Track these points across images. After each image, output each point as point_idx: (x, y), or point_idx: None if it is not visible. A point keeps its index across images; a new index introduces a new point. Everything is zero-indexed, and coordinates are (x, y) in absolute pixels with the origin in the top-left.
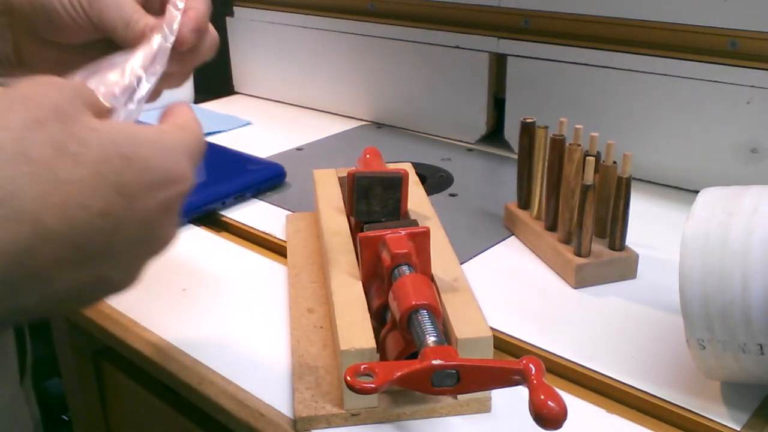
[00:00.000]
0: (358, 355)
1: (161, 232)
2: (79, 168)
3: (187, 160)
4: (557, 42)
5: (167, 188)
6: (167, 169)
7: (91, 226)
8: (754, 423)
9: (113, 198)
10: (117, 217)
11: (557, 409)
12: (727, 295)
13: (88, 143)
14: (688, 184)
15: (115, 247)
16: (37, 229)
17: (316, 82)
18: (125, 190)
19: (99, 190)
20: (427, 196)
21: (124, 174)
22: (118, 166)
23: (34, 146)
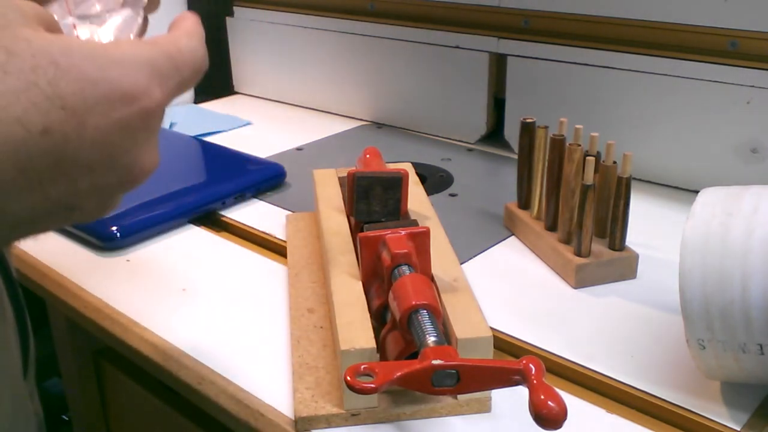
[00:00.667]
0: (358, 355)
1: (127, 158)
2: (7, 78)
3: (144, 73)
4: (557, 42)
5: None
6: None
7: (30, 144)
8: (754, 423)
9: (54, 113)
10: (63, 135)
11: (557, 409)
12: (727, 295)
13: (17, 52)
14: (688, 184)
15: (68, 171)
16: None
17: (317, 82)
18: (68, 103)
19: (34, 102)
20: (427, 196)
21: (59, 84)
22: (51, 74)
23: None
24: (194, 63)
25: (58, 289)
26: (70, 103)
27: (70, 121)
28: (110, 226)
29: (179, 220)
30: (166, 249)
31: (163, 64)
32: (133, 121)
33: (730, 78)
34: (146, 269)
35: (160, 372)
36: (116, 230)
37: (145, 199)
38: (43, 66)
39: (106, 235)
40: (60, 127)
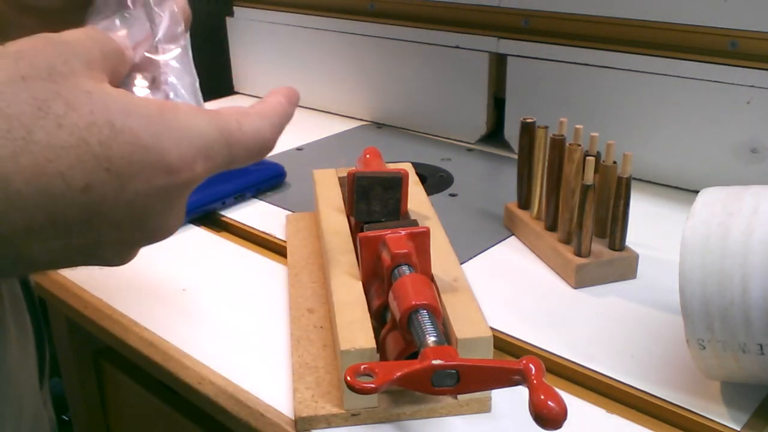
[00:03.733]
0: (358, 355)
1: (157, 220)
2: (60, 132)
3: (195, 148)
4: (557, 42)
5: (165, 175)
6: (167, 152)
7: (68, 198)
8: (754, 423)
9: (98, 173)
10: (101, 196)
11: (557, 409)
12: (727, 295)
13: (76, 106)
14: (688, 184)
15: (98, 226)
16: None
17: (316, 82)
18: (114, 166)
19: (82, 160)
20: (427, 196)
21: (111, 146)
22: (105, 135)
23: (14, 102)
24: (252, 145)
25: (58, 289)
26: (116, 166)
27: (112, 183)
28: None
29: None
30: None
31: (215, 141)
32: (172, 191)
33: (730, 78)
34: (146, 269)
35: (160, 372)
36: None
37: None
38: (98, 125)
39: None
40: (100, 187)
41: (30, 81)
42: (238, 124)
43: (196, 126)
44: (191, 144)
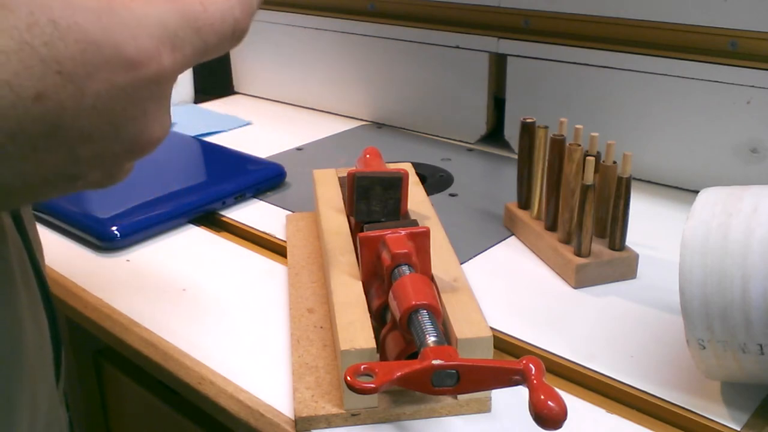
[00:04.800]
0: (358, 355)
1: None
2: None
3: (156, 37)
4: (557, 42)
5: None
6: (119, 45)
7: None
8: (754, 423)
9: (49, 78)
10: (58, 103)
11: (557, 409)
12: (727, 295)
13: (12, 7)
14: (688, 184)
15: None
16: None
17: (317, 82)
18: (65, 68)
19: (28, 65)
20: (427, 196)
21: (58, 46)
22: (49, 35)
23: None
24: (223, 27)
25: (58, 289)
26: (68, 68)
27: (67, 88)
28: (110, 226)
29: (179, 220)
30: (166, 249)
31: (178, 26)
32: (139, 89)
33: (730, 78)
34: (146, 269)
35: (160, 372)
36: (116, 230)
37: (145, 199)
38: (40, 24)
39: (106, 235)
40: (55, 94)
41: None
42: (202, 6)
43: (152, 13)
44: (150, 34)
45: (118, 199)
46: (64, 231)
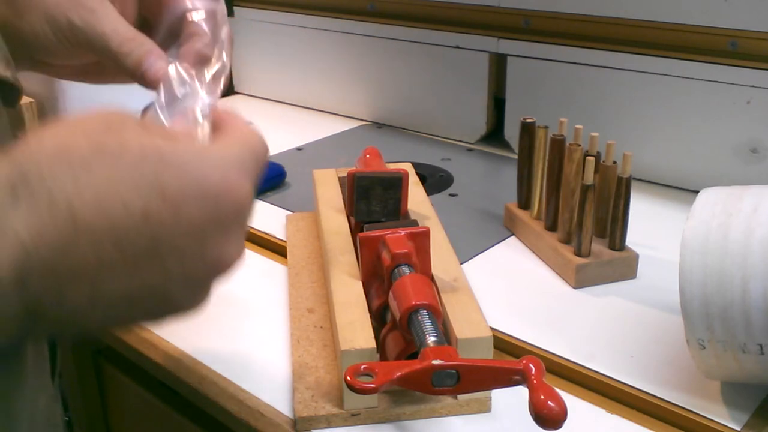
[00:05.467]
0: (358, 355)
1: (216, 248)
2: (117, 163)
3: (236, 171)
4: (557, 42)
5: (217, 203)
6: (212, 179)
7: (130, 225)
8: (754, 423)
9: (155, 200)
10: (160, 222)
11: (557, 409)
12: (727, 296)
13: (129, 146)
14: (688, 184)
15: (163, 255)
16: (75, 221)
17: (317, 82)
18: (168, 193)
19: (138, 187)
20: (427, 196)
21: (164, 175)
22: (156, 166)
23: (75, 146)
24: (263, 147)
25: None
26: (170, 194)
27: (168, 210)
28: None
29: None
30: None
31: (248, 159)
32: (224, 215)
33: (730, 78)
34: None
35: (160, 372)
36: None
37: None
38: (150, 159)
39: None
40: (158, 214)
41: (90, 133)
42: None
43: (233, 153)
44: (233, 168)
45: None
46: None
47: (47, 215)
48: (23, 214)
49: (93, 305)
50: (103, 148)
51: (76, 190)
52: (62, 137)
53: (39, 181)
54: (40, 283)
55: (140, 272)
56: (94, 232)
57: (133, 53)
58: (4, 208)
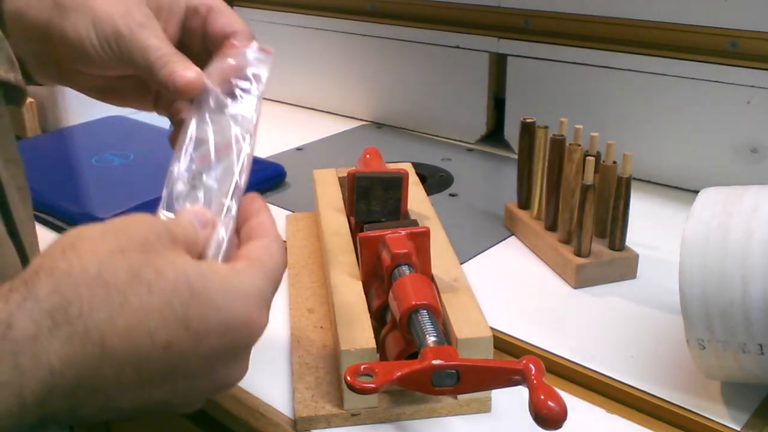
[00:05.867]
0: (358, 355)
1: (225, 370)
2: (150, 296)
3: (257, 304)
4: (557, 42)
5: (236, 335)
6: (235, 312)
7: (153, 354)
8: (754, 423)
9: (179, 332)
10: (180, 351)
11: (557, 409)
12: (727, 296)
13: (163, 273)
14: (688, 184)
15: (176, 377)
16: (104, 348)
17: (316, 82)
18: (192, 325)
19: (166, 320)
20: (427, 196)
21: (191, 308)
22: (185, 298)
23: (113, 271)
24: (282, 268)
25: None
26: (194, 325)
27: (189, 341)
28: None
29: None
30: None
31: (269, 290)
32: (241, 345)
33: (730, 78)
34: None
35: None
36: None
37: (145, 199)
38: (180, 290)
39: None
40: (179, 344)
41: (127, 253)
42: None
43: (255, 283)
44: (255, 300)
45: (118, 199)
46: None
47: (79, 345)
48: (59, 342)
49: (102, 413)
50: (140, 274)
51: (109, 323)
52: (102, 257)
53: (78, 316)
54: (60, 401)
55: (152, 390)
56: (118, 359)
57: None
58: (43, 336)
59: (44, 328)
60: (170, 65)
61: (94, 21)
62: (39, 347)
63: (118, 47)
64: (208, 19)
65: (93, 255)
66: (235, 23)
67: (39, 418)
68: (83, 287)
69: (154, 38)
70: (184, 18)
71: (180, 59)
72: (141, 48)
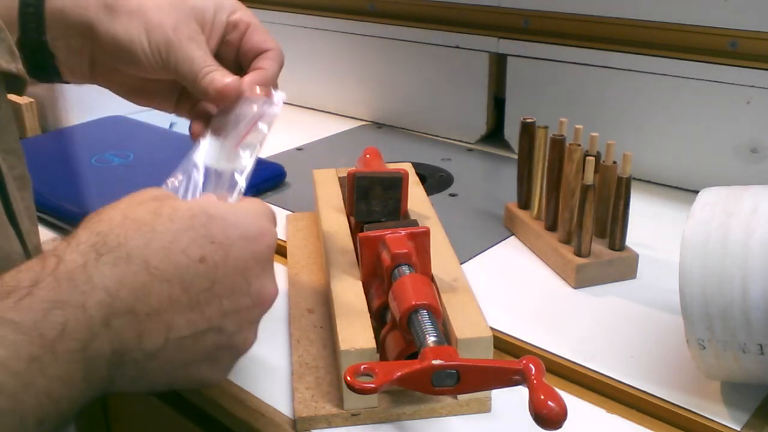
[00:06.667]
0: (358, 355)
1: (257, 283)
2: (173, 223)
3: (264, 220)
4: (557, 42)
5: (256, 243)
6: (248, 226)
7: (193, 269)
8: (754, 423)
9: (208, 246)
10: (215, 263)
11: (557, 409)
12: (727, 296)
13: (179, 208)
14: (688, 184)
15: (219, 292)
16: (149, 268)
17: (316, 82)
18: (217, 239)
19: (194, 239)
20: (427, 196)
21: (211, 227)
22: (204, 220)
23: (137, 212)
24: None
25: None
26: (218, 240)
27: (219, 252)
28: None
29: None
30: None
31: (270, 212)
32: (262, 253)
33: (730, 78)
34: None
35: None
36: None
37: None
38: (198, 215)
39: None
40: (212, 257)
41: (144, 203)
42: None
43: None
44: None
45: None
46: (64, 231)
47: (125, 266)
48: (107, 267)
49: (166, 344)
50: (159, 212)
51: (147, 248)
52: (124, 210)
53: (117, 245)
54: (122, 323)
55: (202, 309)
56: (164, 277)
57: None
58: (91, 263)
59: (91, 258)
60: (211, 74)
61: (147, 28)
62: (90, 272)
63: (167, 55)
64: (246, 34)
65: (115, 210)
66: (269, 42)
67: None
68: (116, 227)
69: (200, 51)
70: (224, 32)
71: (220, 69)
72: (187, 59)
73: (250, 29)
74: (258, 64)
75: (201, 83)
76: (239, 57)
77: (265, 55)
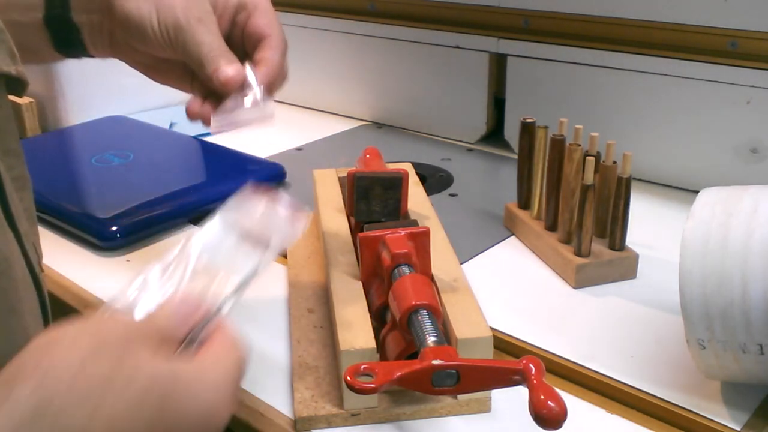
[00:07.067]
0: (358, 355)
1: None
2: (121, 402)
3: (225, 392)
4: (557, 42)
5: (207, 419)
6: (209, 402)
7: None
8: (754, 423)
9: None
10: None
11: (557, 409)
12: (727, 296)
13: (141, 373)
14: (688, 184)
15: None
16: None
17: (316, 82)
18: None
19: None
20: (427, 196)
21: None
22: (160, 395)
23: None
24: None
25: (58, 289)
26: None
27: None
28: (110, 226)
29: (179, 220)
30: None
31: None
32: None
33: (730, 78)
34: None
35: None
36: (116, 230)
37: (145, 199)
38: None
39: (106, 235)
40: None
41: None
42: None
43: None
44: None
45: (118, 199)
46: (64, 231)
47: None
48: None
49: None
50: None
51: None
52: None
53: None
54: None
55: None
56: None
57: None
58: None
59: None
60: (216, 61)
61: (158, 7)
62: None
63: (175, 36)
64: (251, 16)
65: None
66: (270, 27)
67: None
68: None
69: (209, 34)
70: (235, 12)
71: (226, 55)
72: (195, 42)
73: (257, 11)
74: (259, 54)
75: (207, 69)
76: (243, 40)
77: (266, 42)
